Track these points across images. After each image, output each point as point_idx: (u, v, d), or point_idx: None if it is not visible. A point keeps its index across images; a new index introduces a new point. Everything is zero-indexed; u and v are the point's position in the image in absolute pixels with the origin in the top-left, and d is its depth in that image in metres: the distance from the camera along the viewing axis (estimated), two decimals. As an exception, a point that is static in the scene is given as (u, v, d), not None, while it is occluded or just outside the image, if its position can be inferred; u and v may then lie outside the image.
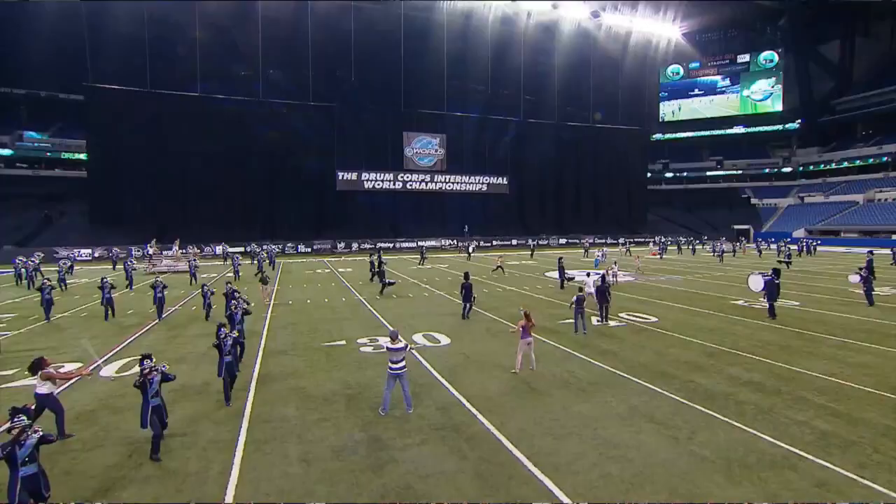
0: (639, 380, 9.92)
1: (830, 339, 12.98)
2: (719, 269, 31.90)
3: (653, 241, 57.03)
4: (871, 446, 7.04)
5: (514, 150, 63.20)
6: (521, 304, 12.07)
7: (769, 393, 9.11)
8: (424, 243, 53.01)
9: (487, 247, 56.32)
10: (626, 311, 17.01)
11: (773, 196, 78.59)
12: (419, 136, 58.21)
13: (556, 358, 11.52)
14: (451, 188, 60.17)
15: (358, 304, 18.84)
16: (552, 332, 14.08)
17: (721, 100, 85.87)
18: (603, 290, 14.98)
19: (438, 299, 19.42)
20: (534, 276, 28.04)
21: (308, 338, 13.53)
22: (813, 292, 21.27)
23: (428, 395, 9.27)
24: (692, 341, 12.86)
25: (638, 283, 25.07)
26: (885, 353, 11.59)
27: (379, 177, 55.97)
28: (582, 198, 67.76)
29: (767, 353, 11.60)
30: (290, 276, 28.12)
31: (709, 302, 18.80)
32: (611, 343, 12.80)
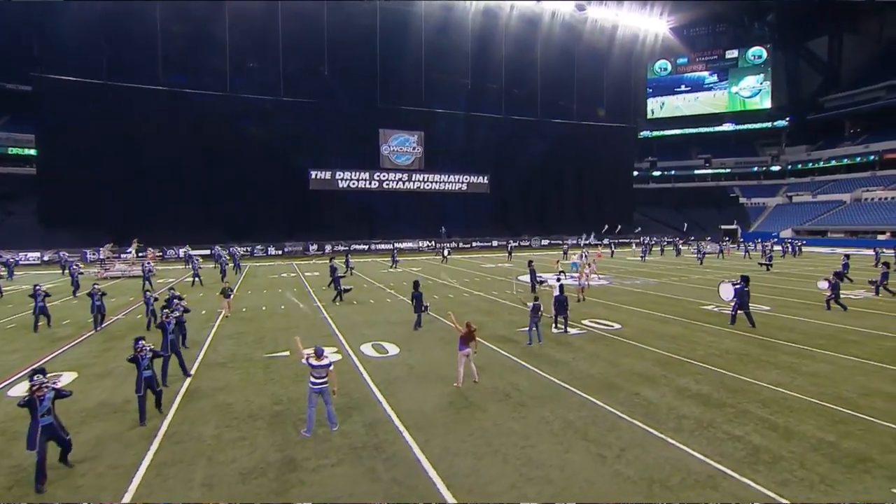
0: (583, 393, 9.86)
1: (789, 346, 13.08)
2: (698, 271, 32.17)
3: (636, 241, 57.47)
4: (799, 462, 7.03)
5: (495, 147, 63.28)
6: (451, 311, 11.90)
7: (713, 406, 9.11)
8: (401, 245, 53.03)
9: (466, 248, 56.32)
10: (590, 317, 17.04)
11: (761, 195, 79.72)
12: (396, 134, 58.03)
13: (503, 369, 11.44)
14: (429, 187, 60.08)
15: (314, 310, 18.63)
16: (507, 340, 14.02)
17: (709, 97, 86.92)
18: (561, 300, 14.94)
19: (400, 306, 19.30)
20: (506, 280, 28.03)
21: (251, 349, 13.31)
22: (786, 296, 21.50)
23: (358, 410, 9.13)
24: (649, 350, 12.88)
25: (611, 286, 25.18)
26: (838, 361, 11.71)
27: (354, 176, 55.71)
28: (566, 197, 68.06)
29: (722, 363, 11.64)
30: (253, 281, 27.77)
31: (678, 307, 18.90)
32: (565, 353, 12.76)
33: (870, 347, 12.92)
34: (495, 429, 8.28)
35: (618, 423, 8.42)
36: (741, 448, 7.46)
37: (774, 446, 7.50)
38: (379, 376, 10.99)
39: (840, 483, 6.52)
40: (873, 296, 21.30)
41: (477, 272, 32.65)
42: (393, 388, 10.23)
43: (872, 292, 21.68)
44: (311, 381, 8.26)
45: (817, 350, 12.68)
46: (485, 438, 7.92)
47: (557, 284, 16.01)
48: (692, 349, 12.89)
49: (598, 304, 19.84)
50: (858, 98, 75.40)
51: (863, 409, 8.83)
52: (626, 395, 9.70)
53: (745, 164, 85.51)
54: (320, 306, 19.46)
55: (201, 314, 17.85)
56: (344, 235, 51.24)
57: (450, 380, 10.64)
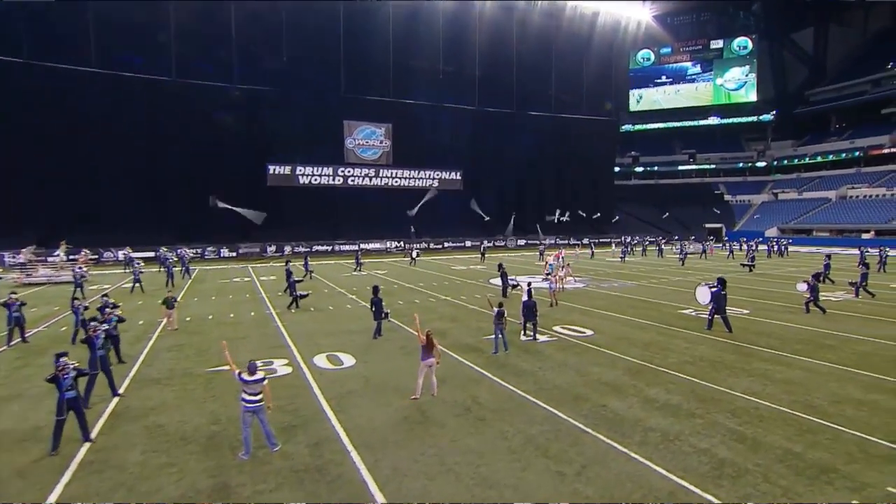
0: (547, 405, 9.94)
1: (765, 352, 13.43)
2: (680, 273, 32.81)
3: (616, 241, 58.37)
4: (763, 475, 7.21)
5: (469, 141, 63.48)
6: (415, 315, 11.89)
7: (682, 417, 9.28)
8: (367, 245, 52.83)
9: (438, 249, 56.38)
10: (562, 323, 17.21)
11: (746, 192, 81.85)
12: (362, 126, 57.72)
13: (465, 380, 11.46)
14: (397, 184, 59.98)
15: (267, 319, 18.41)
16: (472, 349, 14.07)
17: (693, 89, 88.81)
18: (529, 305, 15.06)
19: (361, 312, 19.18)
20: (477, 284, 28.17)
21: (192, 362, 13.03)
22: (767, 298, 22.09)
23: (304, 428, 9.02)
24: (621, 358, 13.06)
25: (587, 289, 25.49)
26: (813, 367, 12.08)
27: (316, 171, 55.21)
28: (544, 194, 68.69)
29: (695, 371, 11.88)
30: (201, 287, 27.26)
31: (654, 312, 19.24)
32: (532, 362, 12.85)
33: (845, 352, 13.36)
34: (451, 446, 8.27)
35: (581, 438, 8.51)
36: (706, 462, 7.61)
37: (740, 459, 7.67)
38: (331, 390, 10.89)
39: (802, 496, 6.71)
40: (853, 297, 22.03)
41: (446, 275, 32.70)
42: (345, 403, 10.15)
43: (852, 294, 22.42)
44: (244, 399, 8.09)
45: (793, 356, 13.05)
46: (439, 457, 7.91)
47: (526, 289, 16.13)
48: (665, 356, 13.12)
49: (572, 308, 20.07)
50: (844, 92, 78.04)
51: (832, 418, 9.12)
52: (593, 407, 9.82)
53: (731, 160, 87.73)
54: (273, 314, 19.22)
55: (139, 324, 17.43)
56: (305, 236, 50.76)
57: (408, 392, 10.61)
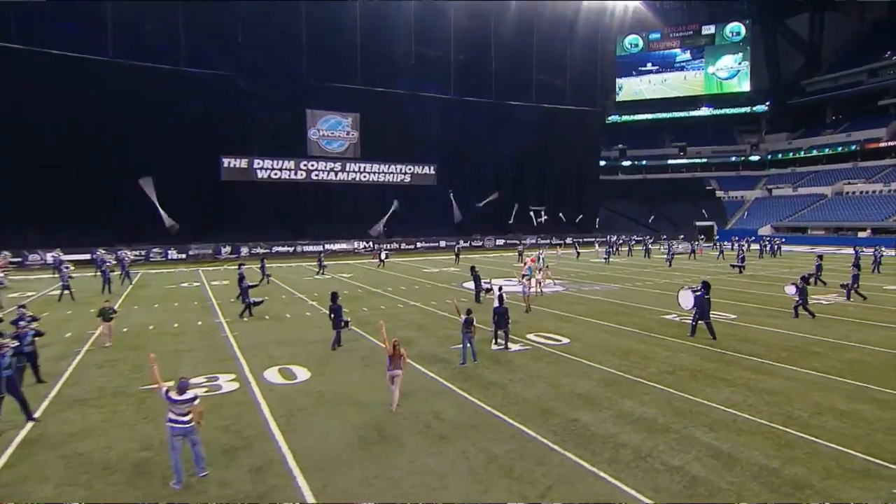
0: (514, 421, 10.01)
1: (749, 360, 13.73)
2: (666, 274, 33.35)
3: (599, 240, 58.99)
4: (737, 493, 7.36)
5: (443, 133, 63.70)
6: (381, 323, 11.90)
7: (656, 432, 9.42)
8: (333, 246, 52.58)
9: (409, 250, 56.34)
10: (537, 330, 17.35)
11: (739, 188, 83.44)
12: (327, 115, 57.40)
13: (428, 394, 11.48)
14: (366, 178, 59.82)
15: (215, 328, 18.19)
16: (438, 360, 14.10)
17: (682, 78, 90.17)
18: (500, 312, 15.14)
19: (321, 321, 19.01)
20: (449, 288, 28.27)
21: (126, 380, 12.78)
22: (755, 302, 22.58)
23: (247, 451, 8.92)
24: (597, 368, 13.22)
25: (566, 293, 25.79)
26: (797, 376, 12.40)
27: (275, 164, 54.73)
28: (525, 190, 69.14)
29: (674, 381, 12.07)
30: (144, 293, 26.79)
31: (636, 317, 19.52)
32: (502, 373, 12.93)
33: (831, 359, 13.73)
34: (408, 467, 8.27)
35: (548, 457, 8.58)
36: (678, 481, 7.74)
37: (714, 477, 7.82)
38: (281, 407, 10.80)
39: (776, 516, 6.87)
40: (845, 300, 22.64)
41: (417, 278, 32.73)
42: (295, 422, 10.08)
43: (844, 296, 23.03)
44: (170, 420, 7.95)
45: (777, 364, 13.35)
46: (394, 480, 7.90)
47: (497, 294, 16.21)
48: (644, 366, 13.32)
49: (549, 314, 20.26)
50: (840, 82, 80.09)
51: (812, 430, 9.35)
52: (563, 422, 9.91)
53: (723, 154, 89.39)
54: (223, 323, 19.01)
55: (65, 337, 17.03)
56: (263, 236, 50.33)
57: (366, 406, 10.72)
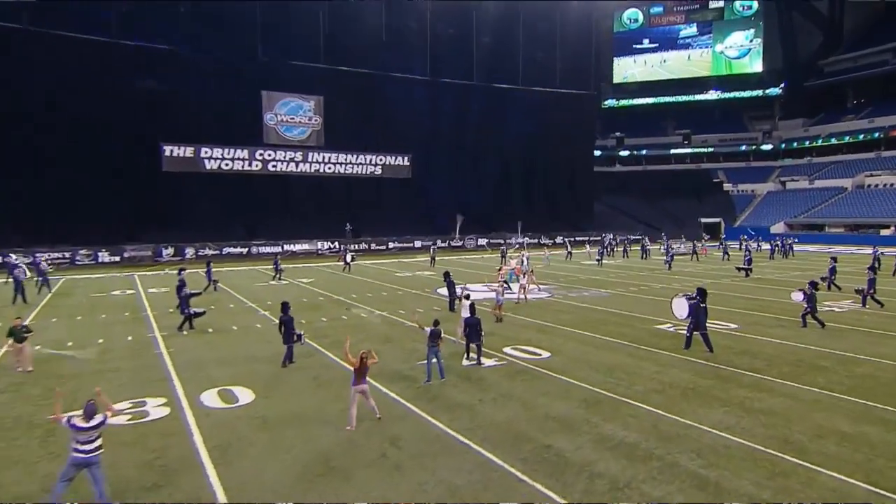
0: (481, 447, 10.03)
1: (748, 376, 13.92)
2: (664, 278, 33.73)
3: (591, 240, 59.38)
4: (720, 531, 7.48)
5: (419, 119, 63.76)
6: (347, 338, 11.94)
7: (638, 459, 9.50)
8: (293, 247, 52.39)
9: (381, 251, 56.29)
10: (515, 343, 17.45)
11: (749, 180, 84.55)
12: (286, 98, 57.20)
13: (387, 417, 11.44)
14: (331, 170, 59.73)
15: (148, 345, 17.97)
16: (402, 378, 14.10)
17: (685, 58, 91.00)
18: (472, 323, 15.17)
19: (271, 334, 18.86)
20: (422, 295, 28.33)
21: (33, 407, 12.44)
22: (760, 310, 22.91)
23: (171, 488, 8.79)
24: (578, 386, 13.31)
25: (551, 300, 26.03)
26: (800, 394, 12.60)
27: (226, 153, 54.40)
28: (511, 184, 69.46)
29: (662, 401, 12.19)
30: (65, 303, 26.33)
31: (627, 328, 19.72)
32: (471, 392, 12.96)
33: (839, 375, 13.97)
34: (356, 503, 8.27)
35: (514, 489, 8.61)
36: (657, 515, 7.82)
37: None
38: (216, 436, 10.70)
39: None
40: (860, 307, 23.04)
41: (386, 284, 32.76)
42: (231, 453, 9.99)
43: (860, 303, 23.44)
44: (75, 449, 7.88)
45: (778, 380, 13.55)
46: (338, 518, 7.89)
47: (468, 303, 16.24)
48: (631, 383, 13.44)
49: (530, 325, 20.37)
50: (862, 62, 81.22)
51: (810, 456, 9.50)
52: (535, 449, 9.95)
53: (732, 142, 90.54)
54: (157, 337, 18.79)
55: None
56: (212, 235, 49.93)
57: (315, 433, 10.69)
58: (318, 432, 10.75)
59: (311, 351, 16.79)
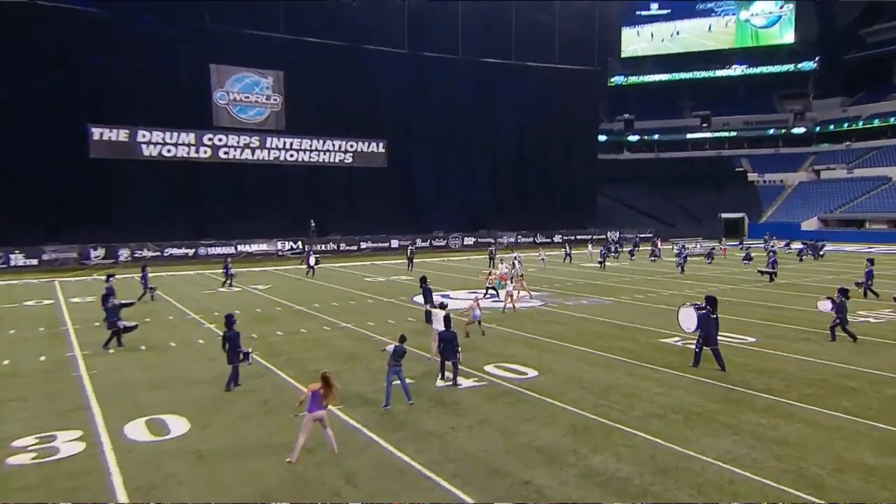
0: (450, 484, 10.02)
1: (764, 398, 14.01)
2: (675, 284, 34.00)
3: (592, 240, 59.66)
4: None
5: (395, 100, 63.69)
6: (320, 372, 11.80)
7: (629, 496, 9.51)
8: (248, 247, 52.19)
9: (352, 252, 56.23)
10: (498, 360, 17.52)
11: (778, 169, 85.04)
12: (239, 73, 57.01)
13: (344, 449, 11.34)
14: (292, 158, 59.56)
15: (64, 366, 17.82)
16: (365, 402, 14.07)
17: (706, 28, 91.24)
18: (448, 338, 15.17)
19: (216, 351, 18.67)
20: (395, 304, 28.40)
21: None
22: (783, 321, 23.12)
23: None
24: (567, 410, 13.35)
25: (544, 309, 26.16)
26: (821, 420, 12.68)
27: (168, 137, 54.10)
28: (502, 174, 69.54)
29: (662, 428, 12.25)
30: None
31: (628, 341, 19.87)
32: (444, 418, 12.96)
33: (868, 397, 14.09)
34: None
35: (485, 533, 8.64)
36: (647, 563, 7.86)
37: (693, 558, 7.97)
38: (140, 475, 10.59)
39: None
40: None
41: (356, 291, 32.81)
42: (156, 495, 9.87)
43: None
44: None
45: (798, 404, 13.64)
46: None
47: (442, 314, 16.26)
48: (628, 406, 13.51)
49: (517, 338, 20.46)
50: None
51: (827, 493, 9.53)
52: (512, 485, 9.96)
53: (758, 125, 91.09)
54: (77, 357, 18.68)
55: None
56: (152, 234, 49.69)
57: (258, 469, 10.63)
58: (262, 468, 10.68)
59: (261, 371, 16.75)
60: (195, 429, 12.70)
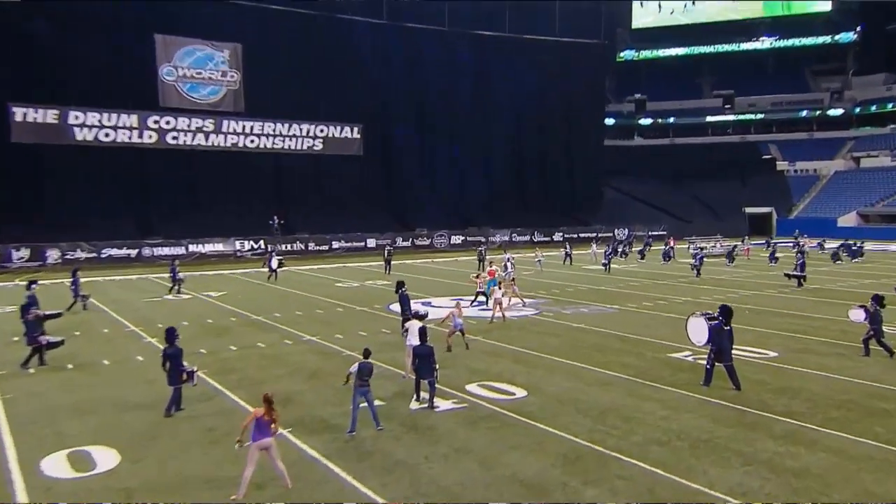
0: (415, 527, 10.07)
1: (782, 422, 14.03)
2: (690, 289, 34.14)
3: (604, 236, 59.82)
4: None
5: (372, 77, 63.47)
6: (266, 392, 11.74)
7: (623, 537, 9.59)
8: (200, 247, 51.99)
9: (321, 253, 56.16)
10: (483, 377, 17.56)
11: (811, 156, 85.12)
12: (190, 45, 56.83)
13: (301, 483, 11.31)
14: (252, 144, 59.43)
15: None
16: (326, 428, 14.01)
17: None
18: (423, 354, 15.16)
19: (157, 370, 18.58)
20: (369, 313, 28.44)
21: None
22: (811, 332, 23.20)
23: None
24: (557, 437, 13.34)
25: (538, 319, 26.24)
26: (847, 448, 12.65)
27: (106, 119, 53.85)
28: (494, 164, 69.57)
29: (665, 456, 12.24)
30: None
31: (631, 355, 19.93)
32: (418, 446, 12.91)
33: (903, 420, 14.18)
34: None
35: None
36: None
37: None
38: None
39: None
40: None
41: (324, 298, 32.86)
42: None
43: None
44: None
45: (822, 429, 13.63)
46: None
47: (417, 326, 16.25)
48: (628, 432, 13.50)
49: (505, 352, 20.46)
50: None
51: (852, 534, 9.62)
52: (489, 525, 9.99)
53: (789, 107, 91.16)
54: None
55: None
56: (88, 232, 49.38)
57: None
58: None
59: (209, 392, 16.65)
60: (126, 462, 12.55)
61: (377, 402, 14.11)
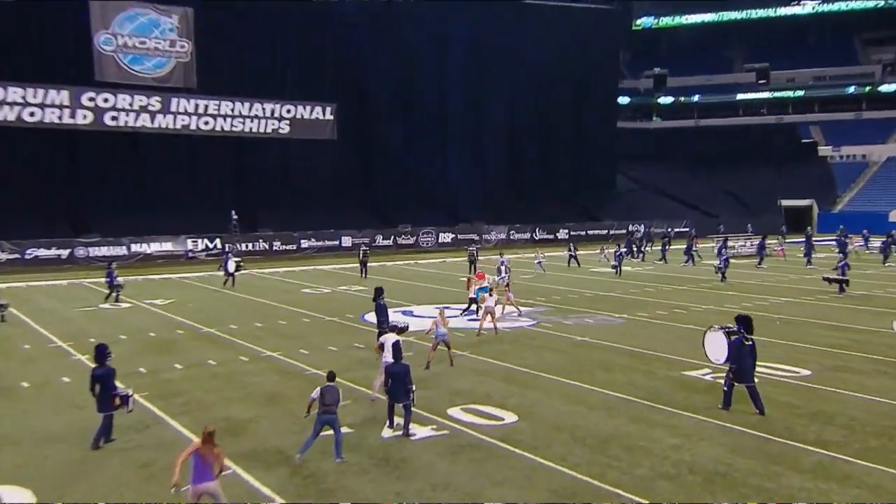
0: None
1: (813, 453, 14.03)
2: (714, 296, 34.19)
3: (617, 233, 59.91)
4: None
5: (348, 49, 63.47)
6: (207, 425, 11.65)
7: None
8: (144, 247, 51.93)
9: (288, 253, 56.20)
10: (468, 399, 17.56)
11: (860, 140, 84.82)
12: (132, 10, 56.70)
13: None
14: (207, 126, 59.19)
15: None
16: (283, 461, 13.95)
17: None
18: (398, 373, 15.16)
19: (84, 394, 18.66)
20: (340, 324, 28.50)
21: None
22: (850, 348, 23.18)
23: None
24: (550, 469, 13.34)
25: (534, 331, 26.33)
26: (887, 485, 12.52)
27: (31, 96, 53.57)
28: (490, 150, 69.66)
29: (673, 492, 12.24)
30: None
31: (640, 373, 20.00)
32: (388, 482, 12.90)
33: (950, 452, 14.19)
34: None
35: None
36: None
37: None
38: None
39: None
40: None
41: (288, 306, 32.99)
42: None
43: None
44: None
45: (859, 461, 13.58)
46: None
47: (392, 341, 16.28)
48: (632, 464, 13.50)
49: (494, 370, 20.48)
50: None
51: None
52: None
53: (834, 82, 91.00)
54: None
55: None
56: (7, 229, 49.01)
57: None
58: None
59: (146, 419, 16.56)
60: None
61: (344, 430, 14.08)
